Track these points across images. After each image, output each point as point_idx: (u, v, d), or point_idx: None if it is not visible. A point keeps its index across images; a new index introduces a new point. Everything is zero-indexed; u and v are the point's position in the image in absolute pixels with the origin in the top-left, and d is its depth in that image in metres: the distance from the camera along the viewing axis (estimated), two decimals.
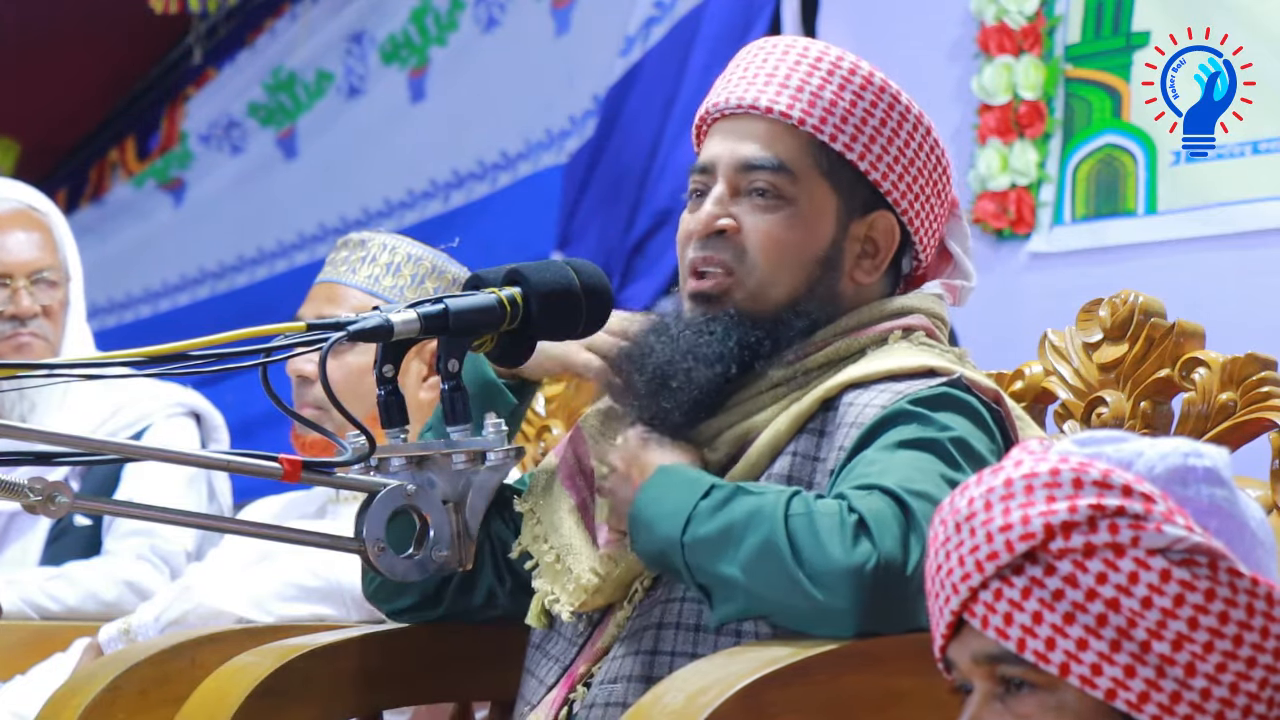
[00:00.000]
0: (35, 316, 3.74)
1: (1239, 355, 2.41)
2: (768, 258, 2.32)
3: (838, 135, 2.32)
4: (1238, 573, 1.62)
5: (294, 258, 6.30)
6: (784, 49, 2.38)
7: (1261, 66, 3.34)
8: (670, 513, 2.17)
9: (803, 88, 2.33)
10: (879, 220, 2.35)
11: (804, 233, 2.32)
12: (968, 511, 1.67)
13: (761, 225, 2.32)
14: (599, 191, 5.19)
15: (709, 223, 2.34)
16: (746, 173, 2.33)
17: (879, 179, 2.33)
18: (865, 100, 2.33)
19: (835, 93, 2.33)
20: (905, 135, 2.34)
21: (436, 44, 5.97)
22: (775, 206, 2.33)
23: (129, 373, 2.08)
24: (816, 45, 2.39)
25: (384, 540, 2.02)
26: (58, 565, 3.63)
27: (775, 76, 2.35)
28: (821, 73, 2.34)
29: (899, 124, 2.34)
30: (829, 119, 2.32)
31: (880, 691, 2.05)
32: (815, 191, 2.33)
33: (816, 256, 2.33)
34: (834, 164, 2.33)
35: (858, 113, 2.33)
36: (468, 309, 2.13)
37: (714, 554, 2.11)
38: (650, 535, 2.19)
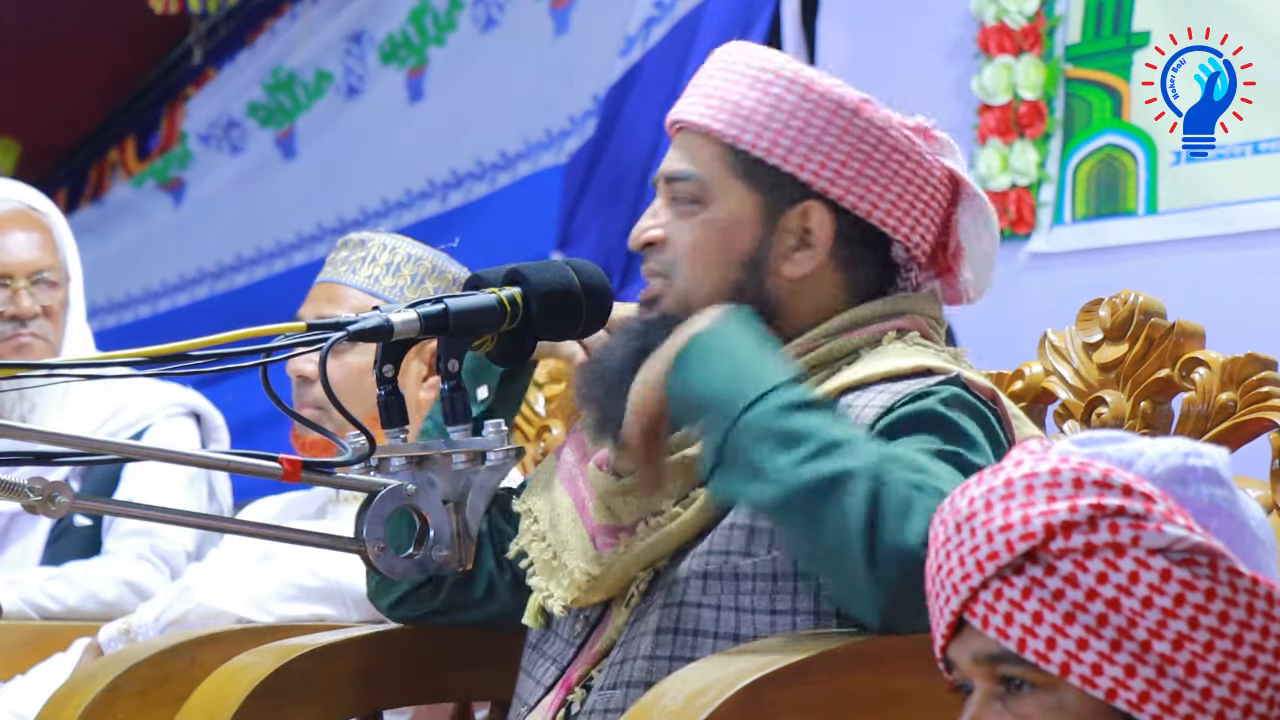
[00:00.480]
0: (35, 317, 3.74)
1: (1239, 355, 2.41)
2: (687, 262, 2.36)
3: (742, 135, 2.35)
4: (1238, 572, 1.62)
5: (292, 258, 6.30)
6: (718, 60, 2.44)
7: (1261, 66, 3.33)
8: (738, 373, 2.12)
9: (713, 95, 2.38)
10: (810, 210, 2.36)
11: (720, 235, 2.36)
12: (968, 511, 1.67)
13: (681, 232, 2.37)
14: (599, 191, 5.19)
15: (637, 236, 2.40)
16: (670, 185, 2.39)
17: (796, 170, 2.35)
18: (772, 95, 2.36)
19: (742, 93, 2.37)
20: (822, 121, 2.35)
21: (435, 44, 5.97)
22: (692, 213, 2.37)
23: (129, 373, 2.08)
24: (743, 51, 2.42)
25: (384, 540, 2.02)
26: (58, 565, 3.63)
27: (703, 88, 2.41)
28: (734, 77, 2.39)
29: (813, 111, 2.35)
30: (735, 121, 2.36)
31: (880, 691, 2.05)
32: (731, 194, 2.36)
33: (739, 258, 2.35)
34: (749, 165, 2.36)
35: (764, 109, 2.35)
36: (468, 309, 2.13)
37: (779, 449, 2.06)
38: (705, 378, 2.13)
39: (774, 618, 2.21)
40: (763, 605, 2.23)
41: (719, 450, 2.09)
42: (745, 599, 2.24)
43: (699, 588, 2.26)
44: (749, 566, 2.24)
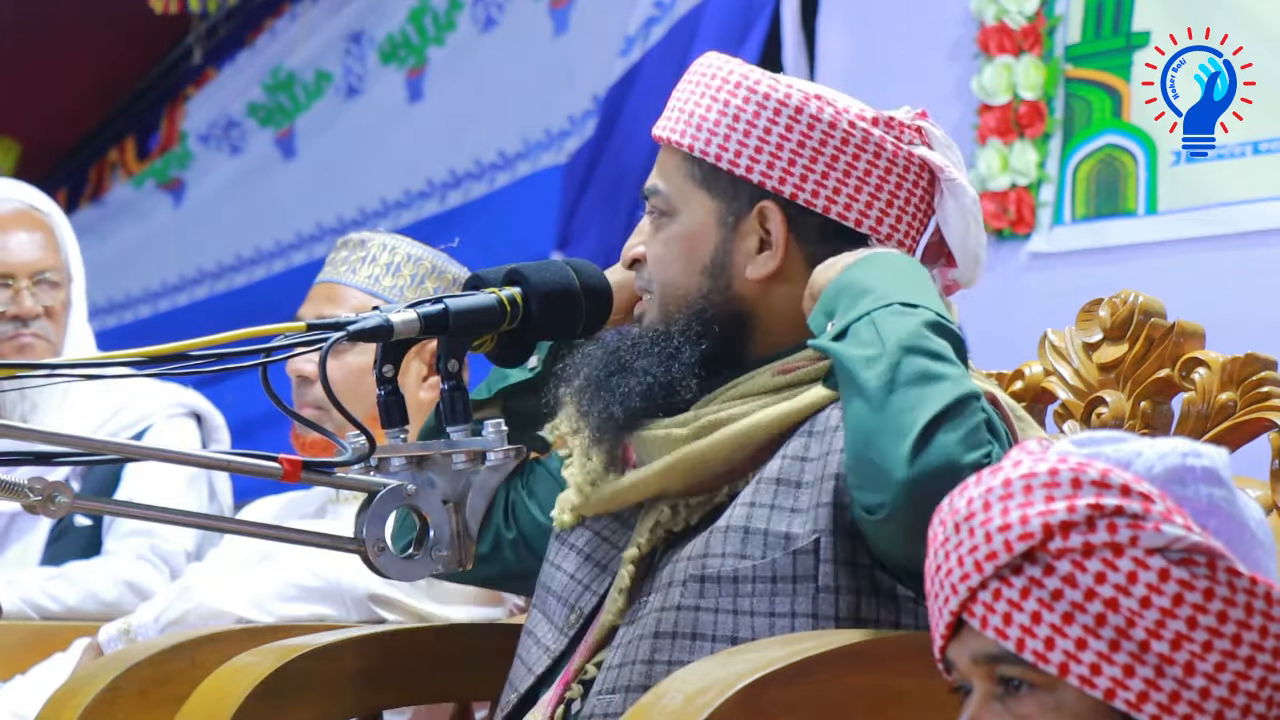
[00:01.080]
0: (37, 317, 3.74)
1: (1239, 355, 2.41)
2: (659, 273, 2.41)
3: (695, 143, 2.39)
4: (1236, 572, 1.62)
5: (292, 258, 6.30)
6: (685, 77, 2.47)
7: (1261, 66, 3.33)
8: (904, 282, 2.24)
9: (679, 108, 2.43)
10: (765, 211, 2.38)
11: (683, 245, 2.39)
12: (966, 512, 1.67)
13: (653, 246, 2.42)
14: (599, 191, 5.19)
15: (625, 254, 2.46)
16: (648, 201, 2.44)
17: (744, 173, 2.37)
18: (720, 101, 2.39)
19: (696, 102, 2.41)
20: (766, 121, 2.37)
21: (435, 44, 5.96)
22: (660, 226, 2.42)
23: (129, 373, 2.08)
24: (706, 60, 2.46)
25: (384, 540, 2.02)
26: (58, 565, 3.63)
27: (672, 103, 2.46)
28: (693, 87, 2.43)
29: (757, 113, 2.37)
30: (688, 130, 2.40)
31: (880, 691, 2.05)
32: (692, 203, 2.40)
33: (701, 265, 2.39)
34: (706, 172, 2.39)
35: (713, 115, 2.39)
36: (468, 309, 2.13)
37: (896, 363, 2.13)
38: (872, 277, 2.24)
39: (773, 620, 2.21)
40: (762, 608, 2.23)
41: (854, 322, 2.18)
42: (744, 601, 2.24)
43: (696, 591, 2.26)
44: (747, 569, 2.24)
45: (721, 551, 2.26)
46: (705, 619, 2.24)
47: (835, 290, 2.25)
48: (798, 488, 2.24)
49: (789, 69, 4.56)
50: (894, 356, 2.12)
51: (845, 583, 2.22)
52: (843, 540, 2.22)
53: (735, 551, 2.26)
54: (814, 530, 2.22)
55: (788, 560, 2.23)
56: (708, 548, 2.28)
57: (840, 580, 2.22)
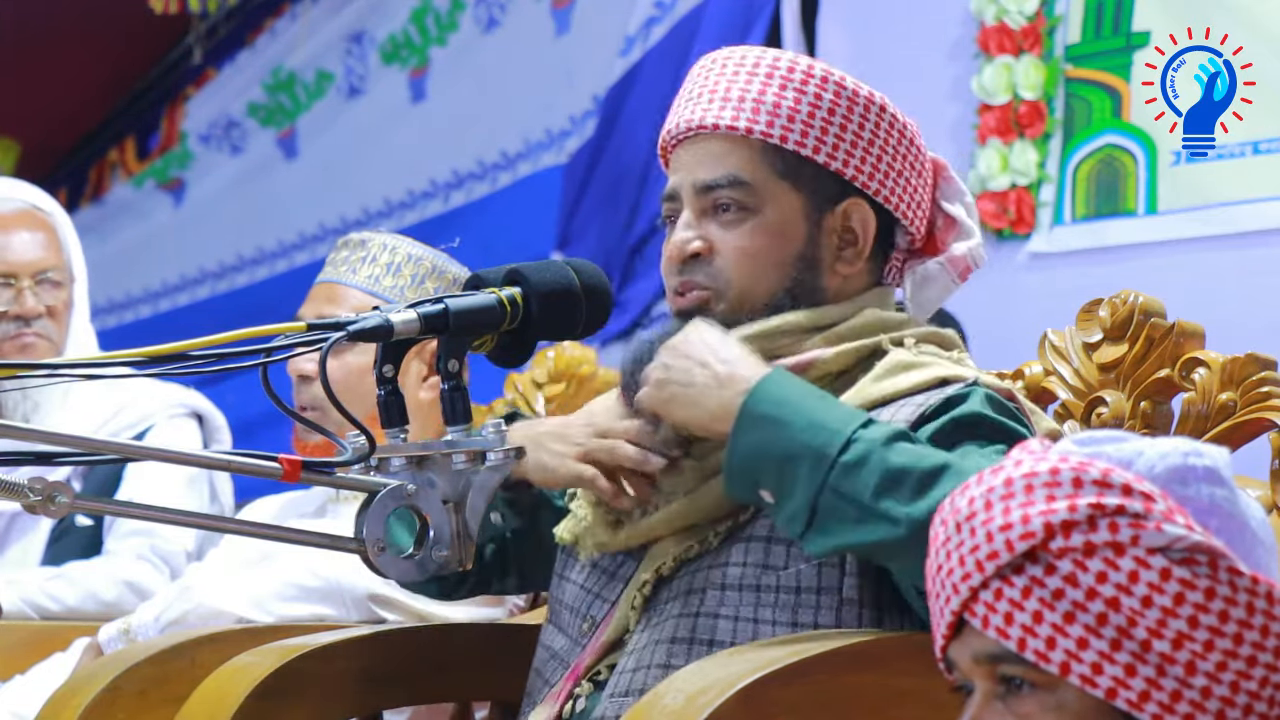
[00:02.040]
0: (39, 317, 3.74)
1: (1239, 355, 2.41)
2: (742, 270, 2.36)
3: (787, 135, 2.35)
4: (1238, 571, 1.62)
5: (294, 258, 6.30)
6: (723, 63, 2.42)
7: (1261, 66, 3.34)
8: (817, 424, 2.13)
9: (744, 97, 2.37)
10: (852, 208, 2.37)
11: (773, 238, 2.36)
12: (968, 511, 1.67)
13: (731, 240, 2.36)
14: (599, 191, 5.19)
15: (682, 248, 2.37)
16: (708, 193, 2.37)
17: (840, 168, 2.36)
18: (809, 94, 2.36)
19: (777, 94, 2.36)
20: (858, 118, 2.36)
21: (437, 44, 5.97)
22: (740, 219, 2.36)
23: (129, 373, 2.08)
24: (754, 51, 2.42)
25: (384, 540, 2.02)
26: (59, 565, 3.63)
27: (718, 92, 2.39)
28: (760, 77, 2.38)
29: (849, 109, 2.37)
30: (775, 121, 2.35)
31: (880, 691, 2.05)
32: (777, 195, 2.36)
33: (792, 257, 2.36)
34: (790, 164, 2.36)
35: (803, 108, 2.36)
36: (468, 309, 2.13)
37: (888, 489, 2.07)
38: (778, 435, 2.14)
39: (795, 630, 2.21)
40: (783, 618, 2.23)
41: (813, 502, 2.10)
42: (765, 610, 2.24)
43: (717, 599, 2.26)
44: (771, 579, 2.24)
45: (743, 560, 2.27)
46: (724, 626, 2.24)
47: (745, 462, 2.16)
48: None
49: None
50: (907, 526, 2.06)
51: (869, 596, 2.23)
52: None
53: (758, 561, 2.26)
54: None
55: (812, 571, 2.23)
56: (729, 556, 2.28)
57: (864, 593, 2.22)
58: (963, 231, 2.45)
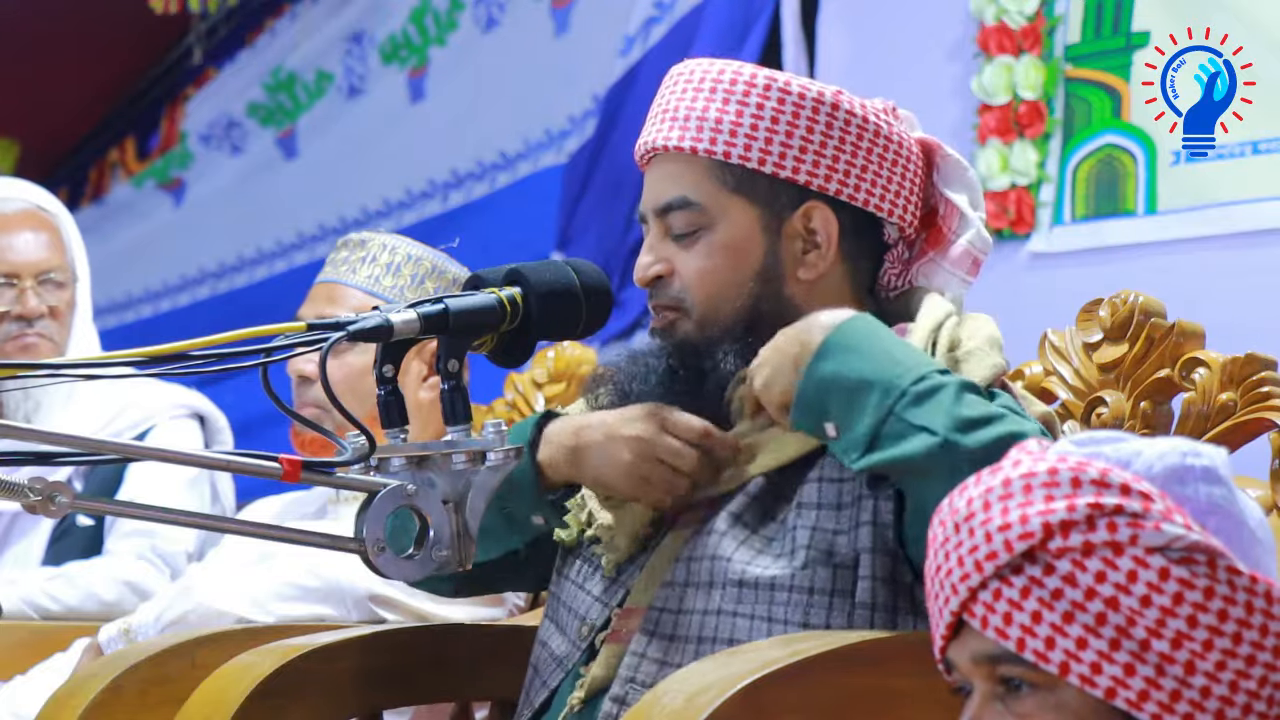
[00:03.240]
0: (42, 317, 3.74)
1: (1239, 355, 2.41)
2: (701, 289, 2.38)
3: (730, 150, 2.36)
4: (1236, 571, 1.62)
5: (293, 258, 6.30)
6: (676, 80, 2.43)
7: (1261, 66, 3.33)
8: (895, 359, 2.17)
9: (689, 115, 2.38)
10: (811, 211, 2.37)
11: (729, 255, 2.37)
12: (966, 512, 1.67)
13: (688, 261, 2.38)
14: (599, 191, 5.19)
15: (643, 272, 2.42)
16: (665, 216, 2.41)
17: (791, 175, 2.36)
18: (750, 105, 2.36)
19: (720, 108, 2.37)
20: (806, 121, 2.36)
21: (436, 44, 5.97)
22: (695, 239, 2.38)
23: (129, 373, 2.08)
24: (702, 66, 2.42)
25: (384, 540, 2.02)
26: (60, 565, 3.63)
27: (669, 111, 2.41)
28: (705, 93, 2.38)
29: (794, 113, 2.36)
30: (718, 137, 2.36)
31: (880, 691, 2.05)
32: (729, 211, 2.38)
33: (752, 272, 2.37)
34: (739, 178, 2.37)
35: (745, 120, 2.36)
36: (468, 309, 2.13)
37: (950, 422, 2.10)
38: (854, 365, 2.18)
39: (806, 631, 2.21)
40: (795, 618, 2.23)
41: (876, 428, 2.14)
42: (779, 610, 2.24)
43: (735, 595, 2.26)
44: (786, 577, 2.24)
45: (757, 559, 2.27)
46: (742, 624, 2.25)
47: (818, 390, 2.20)
48: (838, 509, 2.26)
49: (789, 69, 4.56)
50: (954, 437, 2.10)
51: (883, 600, 2.23)
52: (883, 558, 2.23)
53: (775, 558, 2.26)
54: (855, 548, 2.23)
55: (827, 573, 2.24)
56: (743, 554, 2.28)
57: (878, 597, 2.23)
58: (964, 222, 2.44)
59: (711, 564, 2.29)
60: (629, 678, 2.29)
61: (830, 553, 2.24)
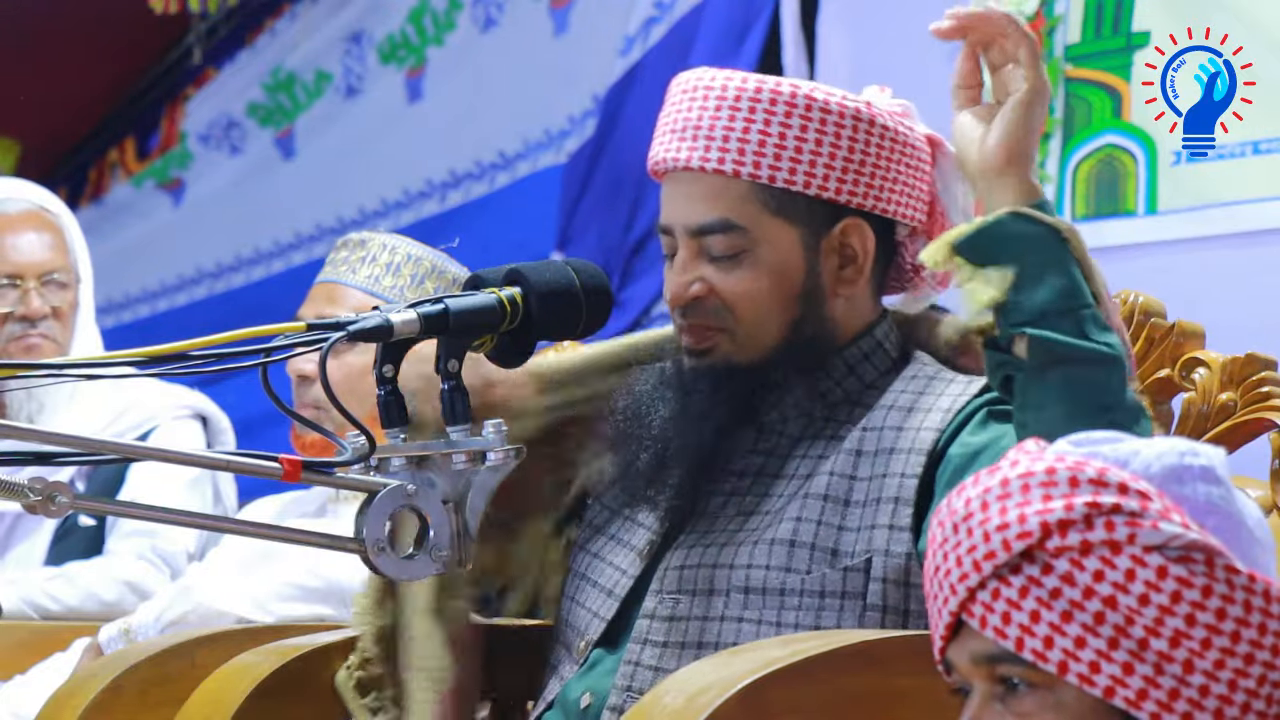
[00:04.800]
0: (45, 318, 3.75)
1: (1239, 355, 2.41)
2: (746, 312, 2.36)
3: (775, 173, 2.34)
4: (1234, 569, 1.63)
5: (291, 258, 6.30)
6: (703, 93, 2.39)
7: (1261, 66, 3.33)
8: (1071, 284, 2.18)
9: (728, 135, 2.35)
10: (849, 228, 2.37)
11: (773, 277, 2.36)
12: (965, 512, 1.67)
13: (730, 283, 2.36)
14: (599, 191, 5.19)
15: (681, 292, 2.38)
16: (701, 237, 2.37)
17: (833, 195, 2.34)
18: (794, 125, 2.34)
19: (762, 129, 2.34)
20: (847, 139, 2.35)
21: (434, 44, 5.96)
22: (737, 263, 2.36)
23: (130, 372, 2.08)
24: (722, 77, 2.39)
25: (384, 540, 2.02)
26: (61, 565, 3.63)
27: (701, 128, 2.37)
28: (744, 112, 2.35)
29: (836, 130, 2.35)
30: (761, 160, 2.33)
31: (880, 691, 2.05)
32: (771, 233, 2.36)
33: (795, 293, 2.36)
34: (780, 199, 2.35)
35: (789, 141, 2.33)
36: (468, 309, 2.12)
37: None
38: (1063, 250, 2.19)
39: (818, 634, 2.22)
40: (807, 621, 2.23)
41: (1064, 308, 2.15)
42: (789, 615, 2.24)
43: (740, 601, 2.26)
44: (795, 582, 2.24)
45: (766, 564, 2.27)
46: (748, 630, 2.25)
47: (1017, 238, 2.19)
48: (846, 505, 2.26)
49: (789, 70, 4.56)
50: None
51: (894, 603, 2.23)
52: (895, 561, 2.22)
53: (781, 564, 2.26)
54: (866, 550, 2.23)
55: (837, 576, 2.23)
56: (752, 559, 2.27)
57: (889, 600, 2.22)
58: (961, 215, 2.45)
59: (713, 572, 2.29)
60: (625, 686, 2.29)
61: (835, 551, 2.24)
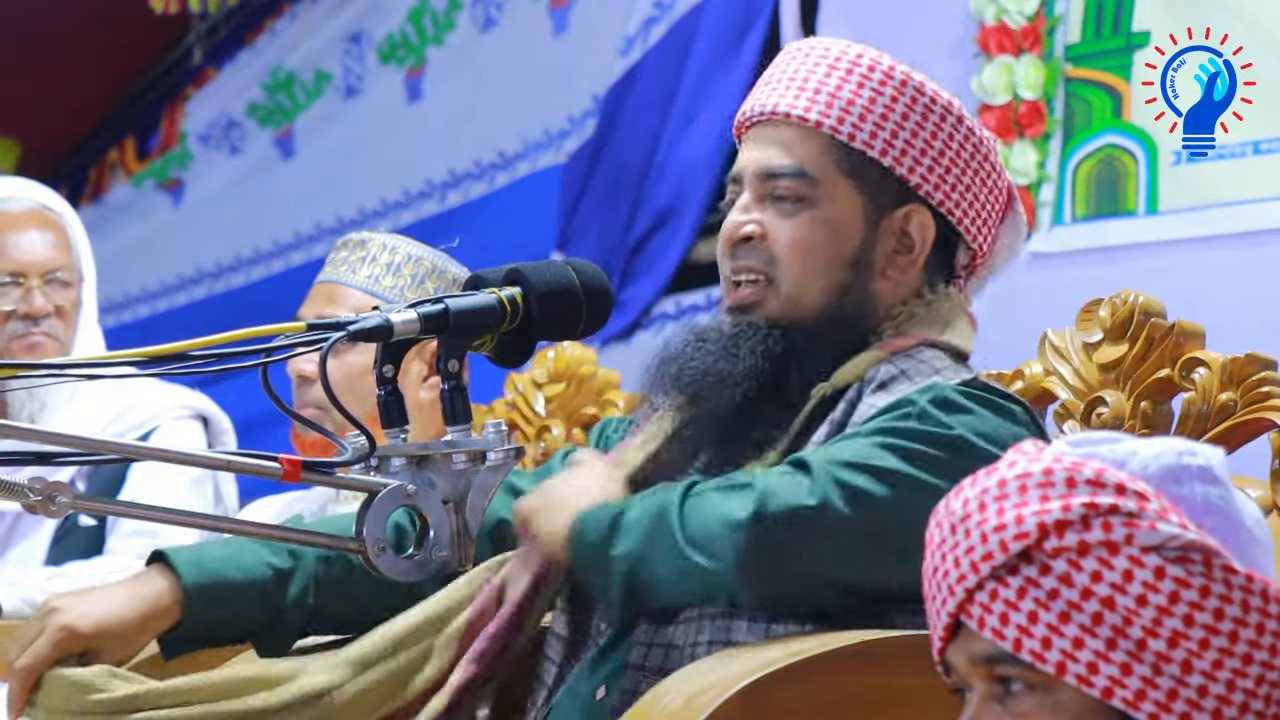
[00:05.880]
0: (48, 316, 3.74)
1: (1239, 355, 2.41)
2: (795, 261, 2.34)
3: (856, 133, 2.33)
4: (1232, 570, 1.62)
5: (291, 258, 6.30)
6: (807, 52, 2.40)
7: (1261, 66, 3.33)
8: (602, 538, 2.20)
9: (820, 89, 2.35)
10: (912, 214, 2.36)
11: (829, 234, 2.34)
12: (963, 513, 1.67)
13: (786, 229, 2.34)
14: (598, 191, 5.19)
15: (734, 230, 2.37)
16: (769, 180, 2.36)
17: (906, 173, 2.34)
18: (885, 95, 2.35)
19: (854, 91, 2.34)
20: (932, 125, 2.35)
21: (434, 44, 5.97)
22: (797, 210, 2.34)
23: (130, 372, 2.08)
24: (839, 45, 2.40)
25: (384, 540, 2.02)
26: (62, 565, 3.63)
27: (796, 81, 2.37)
28: (840, 72, 2.36)
29: (924, 115, 2.35)
30: (847, 118, 2.34)
31: (880, 691, 2.05)
32: (838, 192, 2.35)
33: (846, 258, 2.35)
34: (857, 163, 2.34)
35: (877, 108, 2.34)
36: (468, 309, 2.13)
37: (609, 543, 2.15)
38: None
39: None
40: None
41: None
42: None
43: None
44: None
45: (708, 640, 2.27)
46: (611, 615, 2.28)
47: None
48: None
49: None
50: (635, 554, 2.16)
51: None
52: None
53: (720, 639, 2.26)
54: None
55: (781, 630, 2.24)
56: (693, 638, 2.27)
57: None
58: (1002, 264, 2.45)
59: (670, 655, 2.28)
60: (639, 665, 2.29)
61: None
